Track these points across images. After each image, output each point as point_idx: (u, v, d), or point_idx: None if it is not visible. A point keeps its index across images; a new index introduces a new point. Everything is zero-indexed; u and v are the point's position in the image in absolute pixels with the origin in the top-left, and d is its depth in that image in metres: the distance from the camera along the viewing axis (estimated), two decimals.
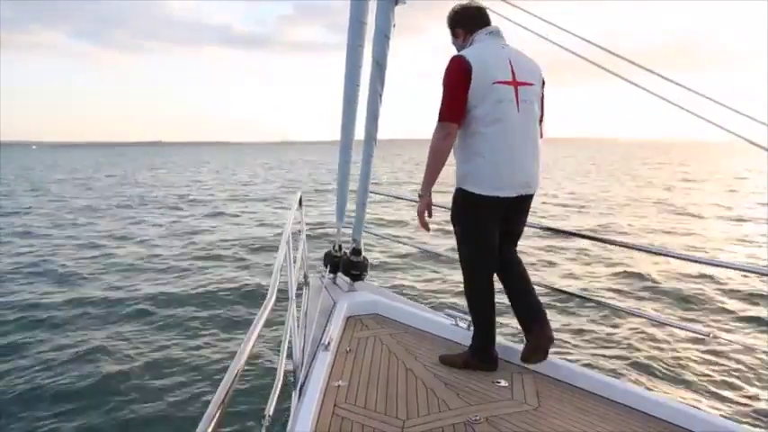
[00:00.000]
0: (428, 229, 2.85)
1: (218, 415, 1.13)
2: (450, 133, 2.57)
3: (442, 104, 2.55)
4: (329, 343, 2.92)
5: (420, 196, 2.74)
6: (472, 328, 2.98)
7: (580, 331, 6.49)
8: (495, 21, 2.73)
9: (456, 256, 2.94)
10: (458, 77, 2.50)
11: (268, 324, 1.69)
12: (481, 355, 2.84)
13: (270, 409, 1.93)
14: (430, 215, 2.80)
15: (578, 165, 49.31)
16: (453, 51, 2.74)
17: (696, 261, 3.32)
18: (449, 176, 2.69)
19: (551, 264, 9.96)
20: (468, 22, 2.72)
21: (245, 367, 1.37)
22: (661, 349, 5.97)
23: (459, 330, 3.17)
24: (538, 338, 2.72)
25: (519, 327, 2.84)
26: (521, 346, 3.01)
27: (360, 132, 3.52)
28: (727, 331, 6.54)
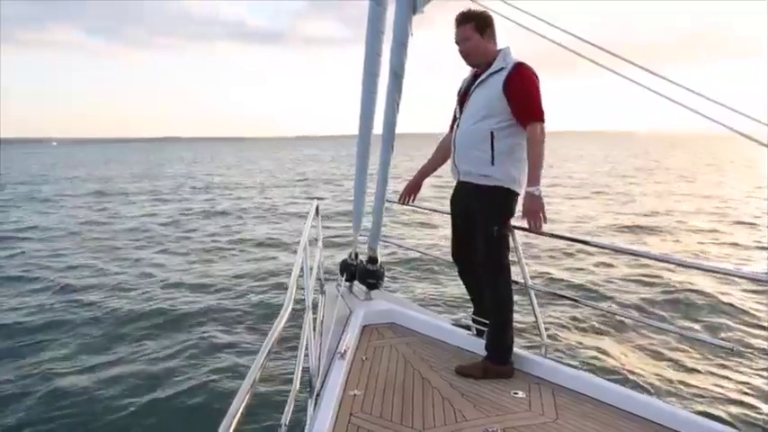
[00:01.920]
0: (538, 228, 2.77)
1: (234, 423, 1.13)
2: None
3: (538, 107, 2.70)
4: (345, 352, 2.92)
5: (536, 194, 2.68)
6: (485, 336, 2.98)
7: (600, 343, 6.40)
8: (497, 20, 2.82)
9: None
10: (539, 85, 2.74)
11: (284, 332, 1.69)
12: (502, 360, 2.85)
13: (286, 417, 1.93)
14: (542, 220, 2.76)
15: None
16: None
17: (717, 271, 3.27)
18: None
19: (572, 273, 9.85)
20: (494, 32, 2.86)
21: (262, 375, 1.38)
22: (683, 362, 5.85)
23: (476, 340, 3.14)
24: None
25: (534, 336, 2.82)
26: (538, 357, 2.98)
27: (376, 141, 3.53)
28: (753, 345, 6.39)
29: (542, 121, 2.69)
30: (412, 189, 3.45)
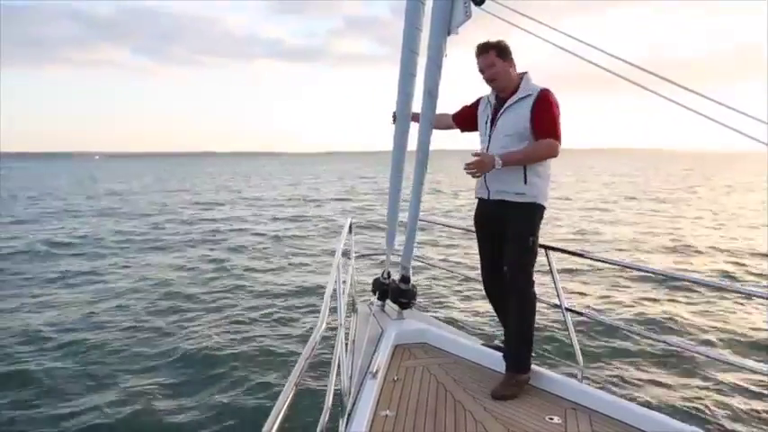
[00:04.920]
0: (473, 176, 3.00)
1: None
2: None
3: (557, 129, 2.91)
4: (377, 371, 2.90)
5: (495, 163, 2.87)
6: (507, 348, 3.06)
7: (639, 369, 6.20)
8: (534, 42, 2.85)
9: None
10: (559, 112, 2.94)
11: (317, 350, 1.70)
12: (528, 367, 2.94)
13: None
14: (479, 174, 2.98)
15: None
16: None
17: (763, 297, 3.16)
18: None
19: (610, 296, 9.62)
20: (513, 58, 3.03)
21: (295, 393, 1.38)
22: (730, 391, 5.61)
23: None
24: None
25: (570, 360, 2.75)
26: (575, 382, 2.91)
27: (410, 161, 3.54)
28: None
29: (559, 142, 2.91)
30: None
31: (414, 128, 3.45)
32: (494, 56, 2.98)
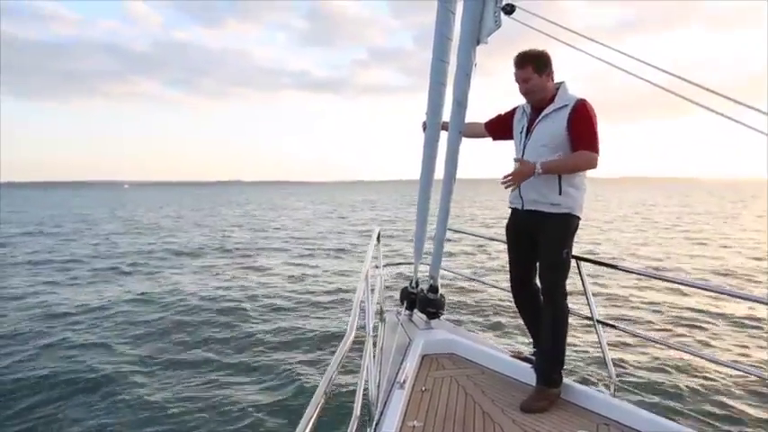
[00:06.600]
0: (510, 188, 2.98)
1: None
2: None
3: (596, 141, 2.84)
4: (404, 381, 2.89)
5: (537, 169, 2.82)
6: (538, 360, 3.01)
7: (674, 383, 6.04)
8: (579, 57, 2.79)
9: None
10: (597, 122, 2.88)
11: (346, 359, 1.70)
12: (560, 381, 2.90)
13: None
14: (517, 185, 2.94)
15: None
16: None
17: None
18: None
19: (642, 307, 9.41)
20: (551, 68, 2.96)
21: (325, 402, 1.39)
22: (759, 403, 5.42)
23: None
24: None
25: (601, 372, 2.70)
26: (606, 396, 2.85)
27: (439, 171, 3.53)
28: None
29: (598, 154, 2.84)
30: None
31: (443, 138, 3.44)
32: (531, 71, 2.93)
